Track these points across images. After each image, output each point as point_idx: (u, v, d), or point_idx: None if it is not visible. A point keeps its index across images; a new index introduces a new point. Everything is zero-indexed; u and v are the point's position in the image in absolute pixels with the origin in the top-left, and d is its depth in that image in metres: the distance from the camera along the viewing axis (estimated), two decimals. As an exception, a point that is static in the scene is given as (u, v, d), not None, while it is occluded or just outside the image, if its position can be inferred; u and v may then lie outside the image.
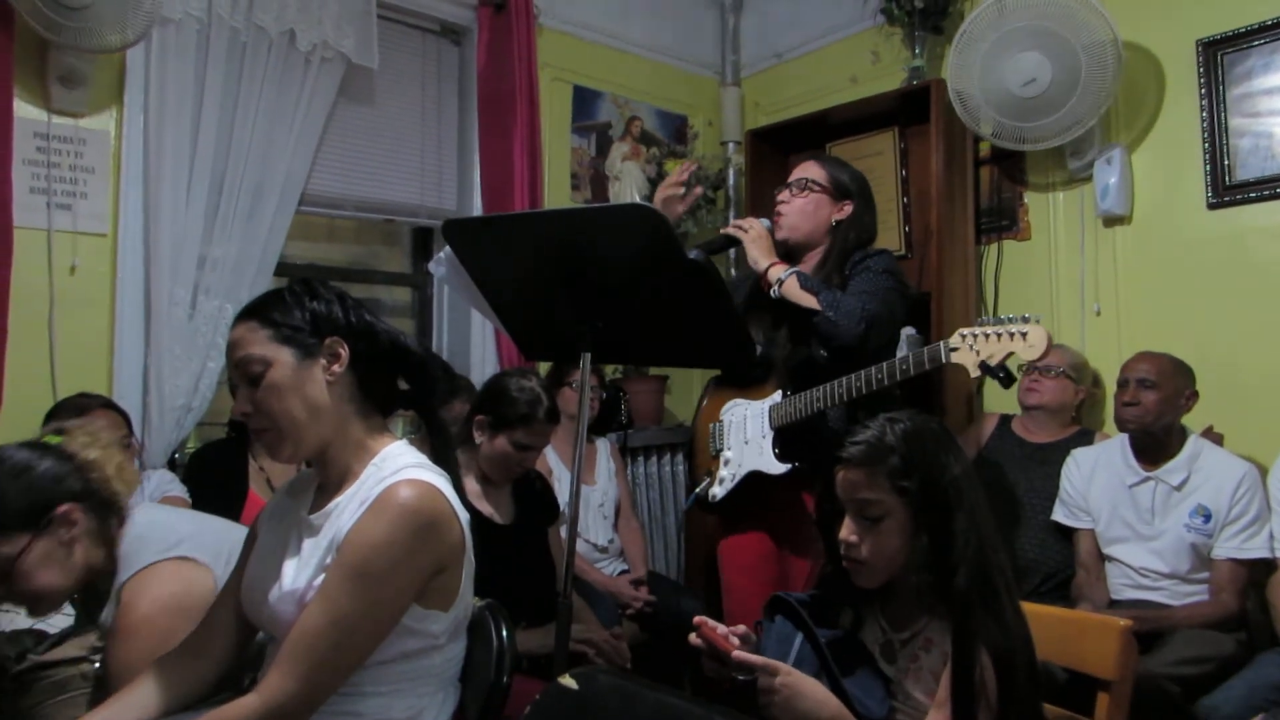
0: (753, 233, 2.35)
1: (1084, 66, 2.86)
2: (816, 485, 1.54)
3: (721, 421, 2.43)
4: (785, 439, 2.27)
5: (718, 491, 2.37)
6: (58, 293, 2.65)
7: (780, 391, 2.31)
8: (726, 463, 2.38)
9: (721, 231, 2.44)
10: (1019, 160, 3.38)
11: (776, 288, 2.26)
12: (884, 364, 2.05)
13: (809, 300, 2.21)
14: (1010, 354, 1.81)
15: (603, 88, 3.97)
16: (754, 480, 2.31)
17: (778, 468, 2.25)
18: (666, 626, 2.95)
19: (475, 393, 2.65)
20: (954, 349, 1.89)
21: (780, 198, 2.43)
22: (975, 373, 1.85)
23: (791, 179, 2.43)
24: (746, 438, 2.34)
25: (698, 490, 2.43)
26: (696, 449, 2.54)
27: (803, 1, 4.13)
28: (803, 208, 2.39)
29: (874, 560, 1.38)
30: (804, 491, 2.28)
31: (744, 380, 2.42)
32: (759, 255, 2.33)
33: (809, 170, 2.42)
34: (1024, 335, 1.78)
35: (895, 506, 1.36)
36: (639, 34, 4.10)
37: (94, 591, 1.56)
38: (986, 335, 1.82)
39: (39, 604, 1.50)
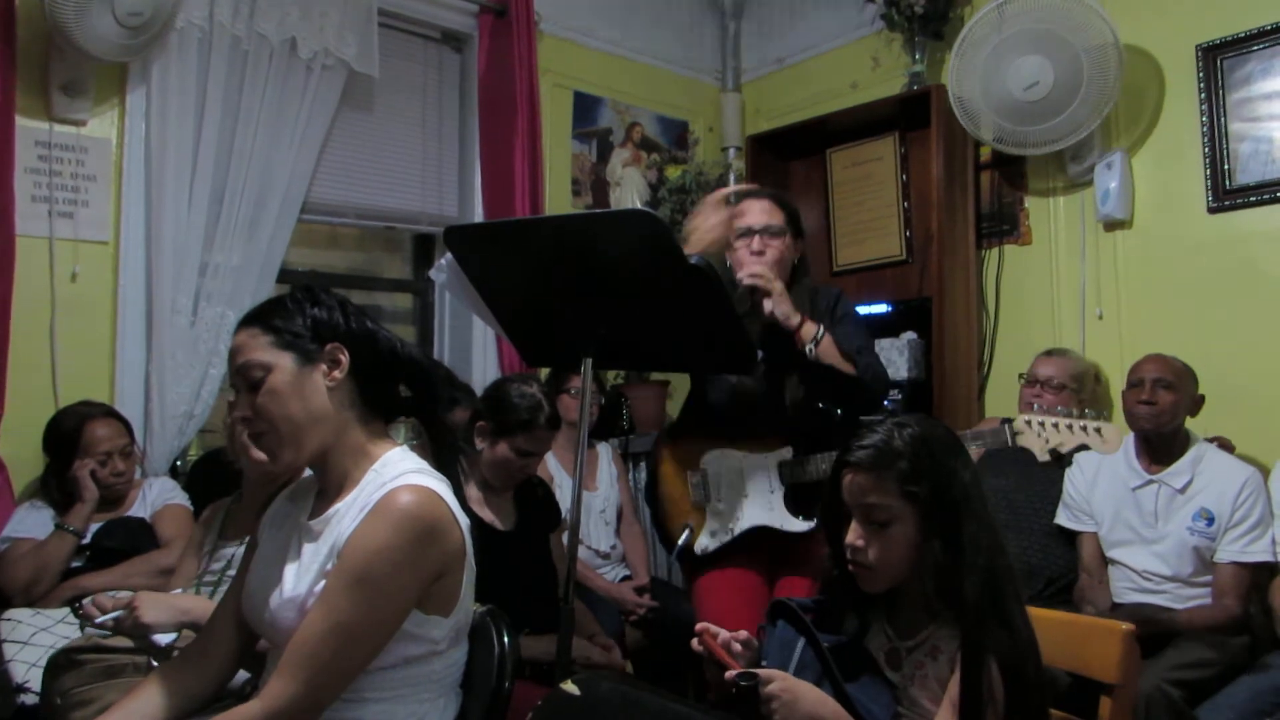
0: (779, 286, 2.17)
1: (1085, 70, 2.86)
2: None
3: (705, 470, 2.28)
4: (798, 495, 2.19)
5: (709, 544, 2.24)
6: (59, 301, 2.65)
7: (789, 447, 2.21)
8: (718, 514, 2.25)
9: (745, 283, 2.18)
10: (1019, 165, 3.39)
11: (812, 347, 2.13)
12: None
13: (847, 367, 2.14)
14: (1082, 445, 1.94)
15: (603, 94, 3.98)
16: (753, 533, 2.21)
17: (798, 526, 2.17)
18: (669, 632, 2.94)
19: (476, 399, 2.65)
20: (1018, 433, 2.02)
21: (754, 247, 2.25)
22: (1044, 457, 2.00)
23: (756, 225, 2.26)
24: (746, 491, 2.23)
25: (681, 542, 2.26)
26: (666, 496, 2.34)
27: (803, 8, 4.14)
28: (779, 257, 2.26)
29: (881, 566, 1.37)
30: (811, 544, 2.16)
31: (725, 431, 2.29)
32: (789, 311, 2.15)
33: (774, 215, 2.28)
34: (1099, 430, 1.91)
35: (904, 512, 1.35)
36: (639, 40, 4.11)
37: None
38: (1055, 424, 1.97)
39: None
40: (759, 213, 2.29)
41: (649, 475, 2.45)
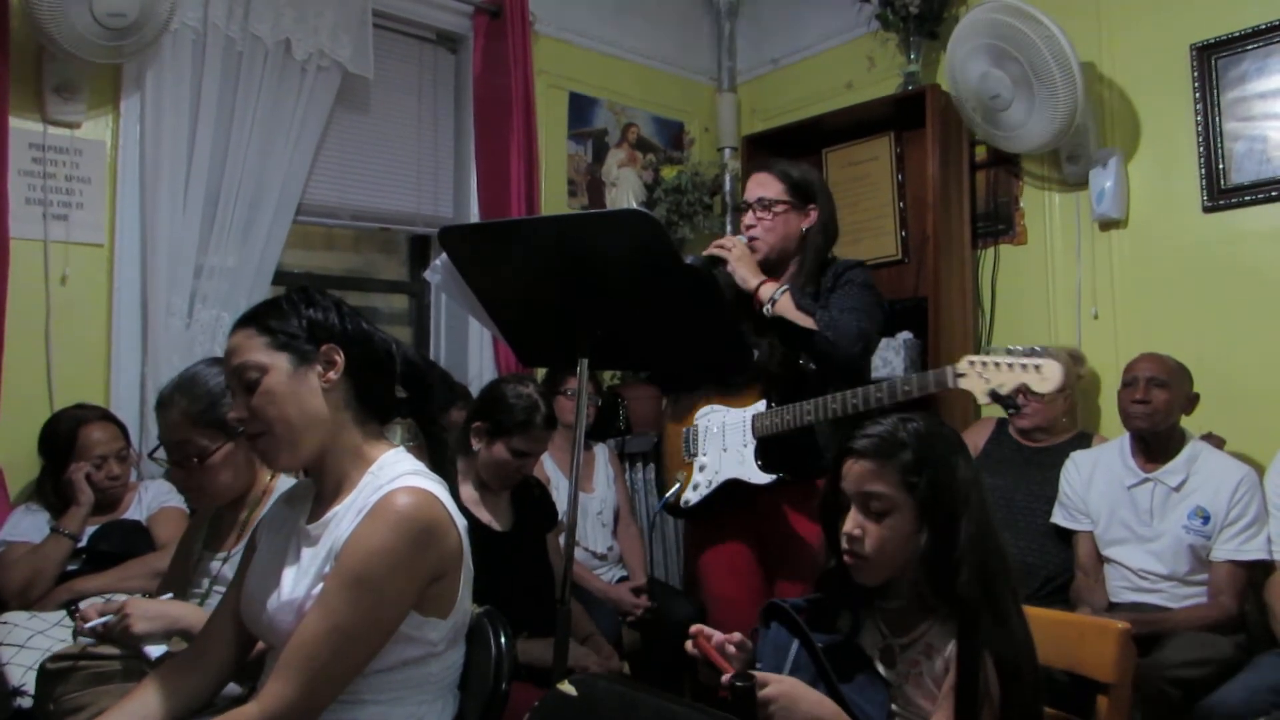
0: (736, 251, 2.32)
1: (1036, 93, 2.91)
2: (818, 494, 1.53)
3: (696, 426, 2.38)
4: (768, 449, 2.24)
5: (691, 497, 2.33)
6: (54, 303, 2.65)
7: (765, 401, 2.26)
8: (702, 468, 2.33)
9: (704, 254, 2.36)
10: (1015, 165, 3.39)
11: (770, 307, 2.23)
12: (884, 383, 2.04)
13: (805, 320, 2.20)
14: (1022, 384, 1.83)
15: (599, 94, 3.98)
16: (732, 488, 2.27)
17: (760, 478, 2.21)
18: (666, 633, 2.94)
19: (472, 400, 2.65)
20: (961, 375, 1.91)
21: (746, 221, 2.38)
22: (984, 400, 1.88)
23: (750, 198, 2.38)
24: (725, 445, 2.30)
25: (668, 494, 2.39)
26: (667, 451, 2.48)
27: (798, 8, 4.14)
28: (771, 228, 2.35)
29: (876, 556, 1.37)
30: (785, 502, 2.24)
31: (721, 386, 2.37)
32: (747, 274, 2.29)
33: (766, 187, 2.36)
34: (1037, 368, 1.80)
35: (902, 502, 1.36)
36: (635, 40, 4.11)
37: None
38: (997, 364, 1.85)
39: None
40: (754, 186, 2.41)
41: (660, 432, 2.55)
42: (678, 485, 2.38)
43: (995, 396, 1.86)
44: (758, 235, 2.35)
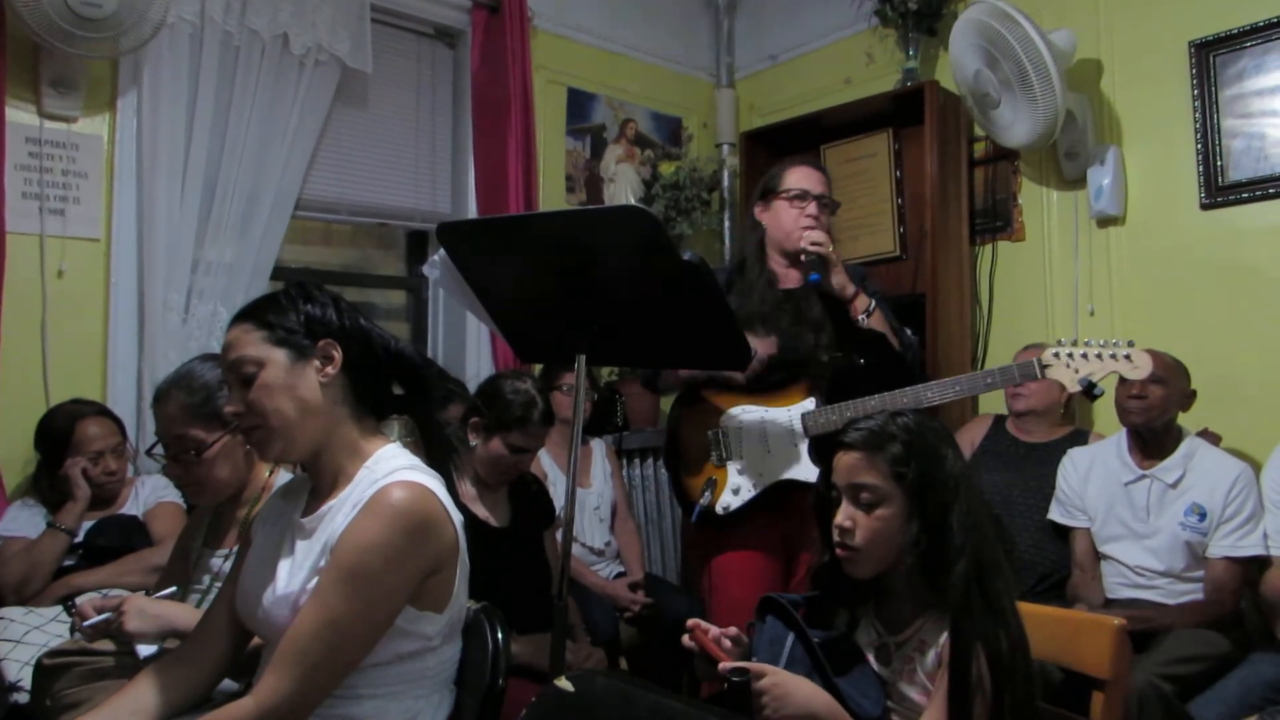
0: (835, 256, 2.28)
1: (1017, 93, 2.93)
2: None
3: (724, 428, 2.31)
4: (821, 446, 2.15)
5: (731, 501, 2.26)
6: (51, 298, 2.64)
7: (813, 399, 2.23)
8: (741, 471, 2.27)
9: (810, 250, 2.24)
10: (1013, 161, 3.40)
11: (864, 318, 2.25)
12: (962, 378, 2.09)
13: (895, 340, 2.23)
14: (1114, 372, 1.92)
15: (597, 90, 3.98)
16: (778, 488, 2.23)
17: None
18: (664, 629, 2.94)
19: (470, 395, 2.65)
20: (1047, 366, 1.98)
21: (810, 211, 2.32)
22: (1075, 388, 1.96)
23: (814, 190, 2.34)
24: (769, 446, 2.25)
25: (702, 502, 2.27)
26: (685, 456, 2.37)
27: (797, 4, 4.14)
28: (828, 227, 2.35)
29: (867, 548, 1.38)
30: None
31: (747, 386, 2.30)
32: (845, 281, 2.27)
33: (827, 188, 2.38)
34: (1128, 357, 1.90)
35: (893, 493, 1.37)
36: (633, 36, 4.10)
37: None
38: (1084, 355, 1.95)
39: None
40: (818, 182, 2.37)
41: (667, 439, 2.48)
42: (709, 492, 2.27)
43: (1087, 384, 1.94)
44: (820, 240, 2.27)
